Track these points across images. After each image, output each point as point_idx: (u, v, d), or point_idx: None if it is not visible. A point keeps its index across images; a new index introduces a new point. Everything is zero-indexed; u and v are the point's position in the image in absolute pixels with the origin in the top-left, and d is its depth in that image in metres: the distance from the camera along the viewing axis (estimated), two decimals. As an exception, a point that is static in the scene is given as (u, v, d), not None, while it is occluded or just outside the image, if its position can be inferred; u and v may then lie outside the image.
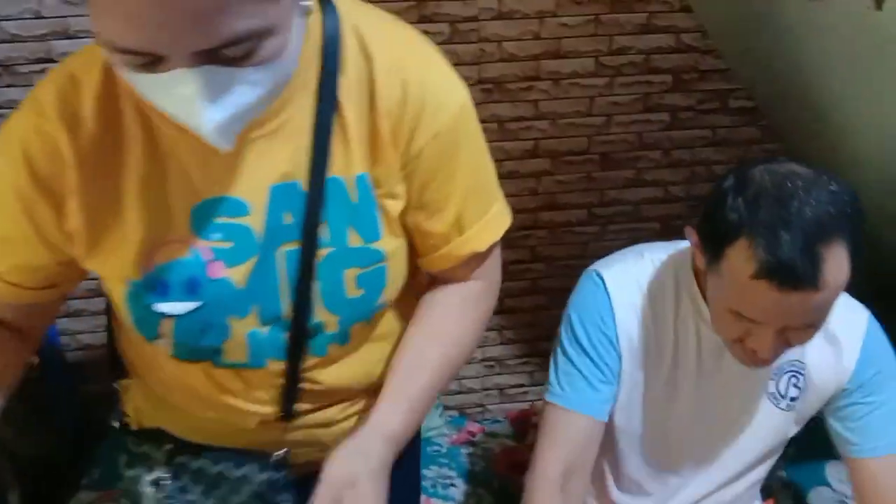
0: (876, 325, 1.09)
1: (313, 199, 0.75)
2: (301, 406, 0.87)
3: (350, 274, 0.79)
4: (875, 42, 1.07)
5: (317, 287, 0.79)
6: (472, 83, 1.60)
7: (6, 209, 0.74)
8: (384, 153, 0.76)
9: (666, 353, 1.09)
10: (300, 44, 0.69)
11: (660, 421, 1.13)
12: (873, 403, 1.08)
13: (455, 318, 0.89)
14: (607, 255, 1.77)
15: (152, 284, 0.76)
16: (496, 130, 1.65)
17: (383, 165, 0.77)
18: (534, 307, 1.82)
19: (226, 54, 0.61)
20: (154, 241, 0.74)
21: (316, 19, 0.74)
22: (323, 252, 0.78)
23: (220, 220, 0.75)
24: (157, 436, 0.91)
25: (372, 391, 0.89)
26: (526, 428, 1.93)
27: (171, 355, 0.81)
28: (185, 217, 0.75)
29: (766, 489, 1.30)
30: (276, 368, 0.82)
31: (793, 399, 1.11)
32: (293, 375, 0.83)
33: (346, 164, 0.76)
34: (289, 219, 0.76)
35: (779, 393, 1.11)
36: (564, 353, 1.10)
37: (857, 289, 1.06)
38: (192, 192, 0.74)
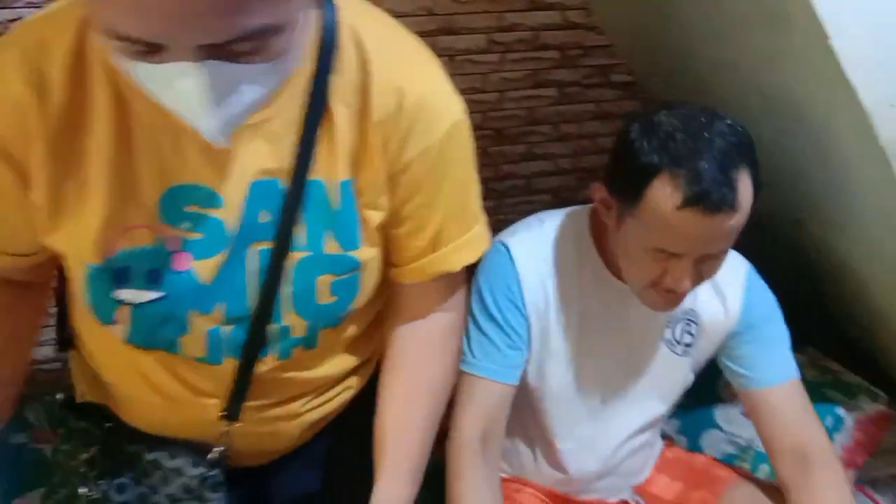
0: (754, 272, 1.20)
1: (291, 199, 0.72)
2: (259, 402, 0.84)
3: (324, 280, 0.77)
4: (767, 16, 1.16)
5: (288, 290, 0.77)
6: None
7: None
8: (372, 162, 0.74)
9: (572, 314, 1.15)
10: (304, 41, 0.67)
11: (572, 379, 1.20)
12: (761, 340, 1.19)
13: (436, 358, 0.89)
14: (504, 228, 1.84)
15: (113, 270, 0.72)
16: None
17: (369, 174, 0.75)
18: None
19: (233, 49, 0.57)
20: (118, 224, 0.70)
21: (313, 14, 0.70)
22: (297, 255, 0.75)
23: (192, 209, 0.71)
24: (99, 412, 0.87)
25: (334, 383, 0.91)
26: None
27: (124, 341, 0.77)
28: (153, 202, 0.71)
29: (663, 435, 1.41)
30: (232, 366, 0.79)
31: (687, 345, 1.20)
32: (245, 376, 0.80)
33: (331, 168, 0.73)
34: (265, 217, 0.73)
35: (674, 339, 1.20)
36: (475, 322, 1.14)
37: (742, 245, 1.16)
38: (163, 175, 0.70)
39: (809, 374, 1.64)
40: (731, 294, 1.18)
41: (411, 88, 0.72)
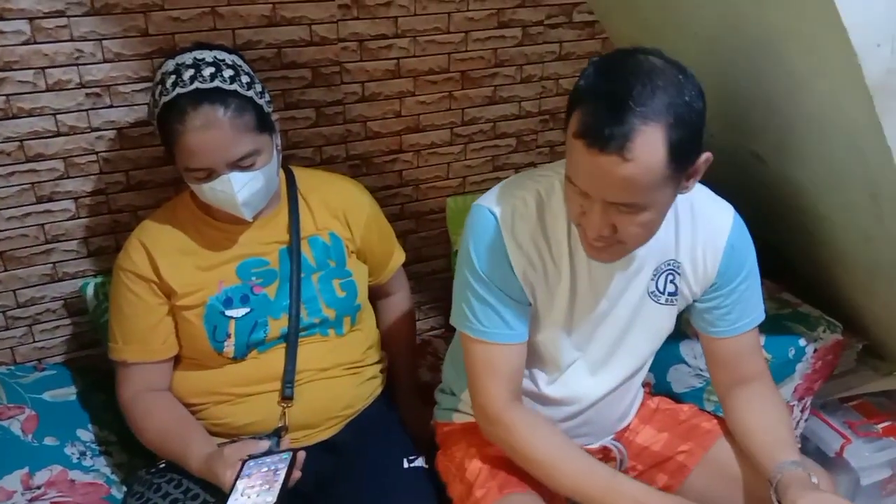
0: (739, 221, 1.21)
1: (296, 251, 1.35)
2: (306, 376, 1.36)
3: (336, 282, 1.39)
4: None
5: (319, 293, 1.36)
6: (330, -1, 1.50)
7: (144, 307, 1.30)
8: (336, 226, 1.42)
9: (564, 275, 1.15)
10: (277, 161, 1.31)
11: (563, 334, 1.20)
12: (736, 292, 1.21)
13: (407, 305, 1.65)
14: (468, 175, 1.82)
15: (222, 300, 1.30)
16: (356, 50, 1.57)
17: (340, 230, 1.42)
18: (401, 232, 1.80)
19: (242, 164, 1.21)
20: (219, 280, 1.31)
21: (282, 180, 1.39)
22: (317, 274, 1.37)
23: (254, 269, 1.34)
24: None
25: (357, 365, 1.43)
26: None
27: (232, 357, 1.31)
28: (233, 268, 1.33)
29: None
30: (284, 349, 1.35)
31: (671, 294, 1.21)
32: (293, 353, 1.34)
33: (317, 230, 1.39)
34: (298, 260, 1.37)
35: (658, 290, 1.20)
36: (474, 292, 1.14)
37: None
38: (235, 255, 1.33)
39: (768, 307, 1.65)
40: (714, 243, 1.18)
41: (339, 194, 1.44)
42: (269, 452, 1.19)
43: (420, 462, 1.36)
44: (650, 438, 1.34)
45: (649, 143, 0.91)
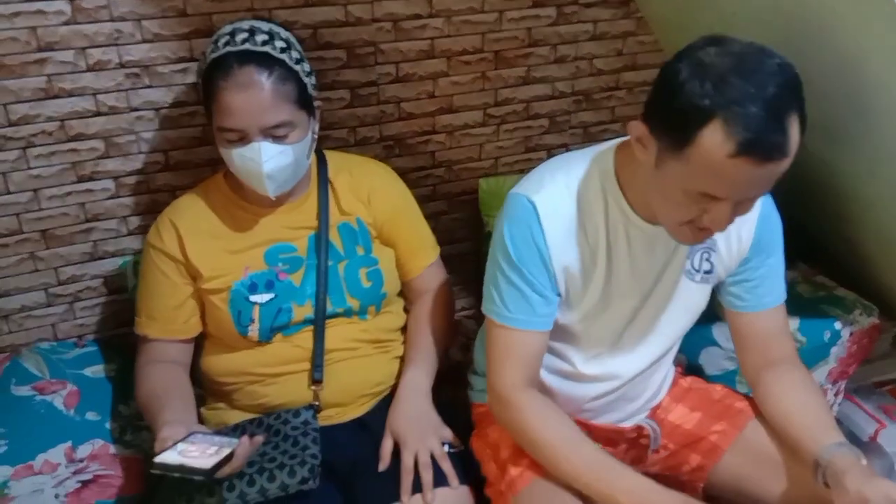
0: (768, 197, 1.21)
1: (324, 239, 1.35)
2: (334, 357, 1.36)
3: (363, 271, 1.38)
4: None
5: (344, 283, 1.36)
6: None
7: (169, 285, 1.32)
8: (360, 210, 1.40)
9: (600, 262, 1.15)
10: (310, 145, 1.30)
11: (598, 316, 1.20)
12: (766, 266, 1.22)
13: (438, 309, 1.49)
14: (501, 156, 1.80)
15: (247, 285, 1.31)
16: (390, 30, 1.57)
17: (364, 215, 1.40)
18: (433, 213, 1.81)
19: (276, 133, 1.21)
20: (245, 266, 1.32)
21: (314, 164, 1.38)
22: (344, 262, 1.37)
23: (281, 255, 1.35)
24: None
25: (381, 346, 1.43)
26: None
27: (257, 340, 1.32)
28: (261, 253, 1.34)
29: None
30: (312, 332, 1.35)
31: (707, 272, 1.21)
32: (321, 337, 1.34)
33: (344, 215, 1.38)
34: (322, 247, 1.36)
35: (693, 268, 1.20)
36: (505, 276, 1.14)
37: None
38: (264, 240, 1.34)
39: (803, 290, 1.67)
40: (746, 221, 1.18)
41: (366, 176, 1.43)
42: (221, 433, 1.19)
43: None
44: (683, 417, 1.34)
45: (796, 134, 0.92)
